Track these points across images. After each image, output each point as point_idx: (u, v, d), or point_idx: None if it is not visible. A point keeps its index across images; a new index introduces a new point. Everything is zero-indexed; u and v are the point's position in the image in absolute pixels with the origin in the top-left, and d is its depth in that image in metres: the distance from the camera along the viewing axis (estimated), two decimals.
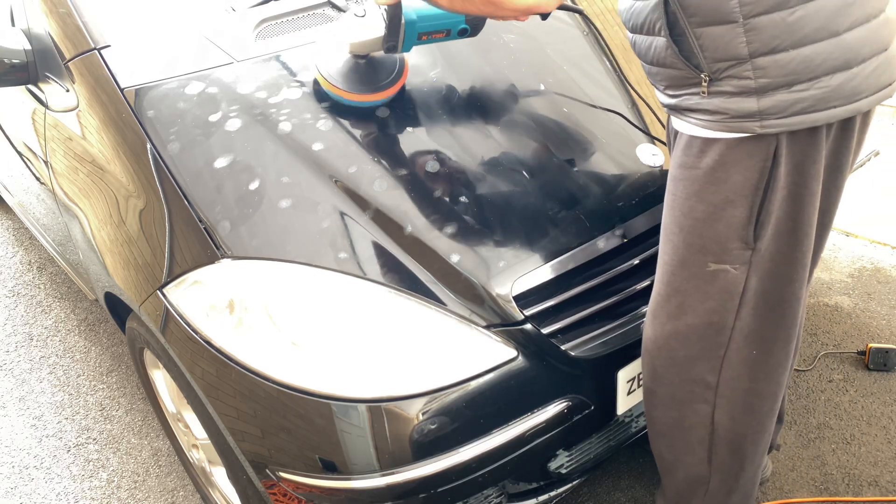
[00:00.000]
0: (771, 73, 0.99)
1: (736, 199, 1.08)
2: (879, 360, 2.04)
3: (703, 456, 1.32)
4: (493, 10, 1.14)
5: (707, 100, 1.05)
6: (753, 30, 0.98)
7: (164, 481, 1.95)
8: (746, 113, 1.02)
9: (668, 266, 1.20)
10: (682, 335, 1.22)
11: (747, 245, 1.12)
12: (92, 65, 1.52)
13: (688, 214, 1.14)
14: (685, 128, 1.12)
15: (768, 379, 1.24)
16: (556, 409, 1.31)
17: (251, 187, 1.34)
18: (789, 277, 1.15)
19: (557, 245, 1.35)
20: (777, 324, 1.19)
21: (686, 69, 1.06)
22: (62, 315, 2.65)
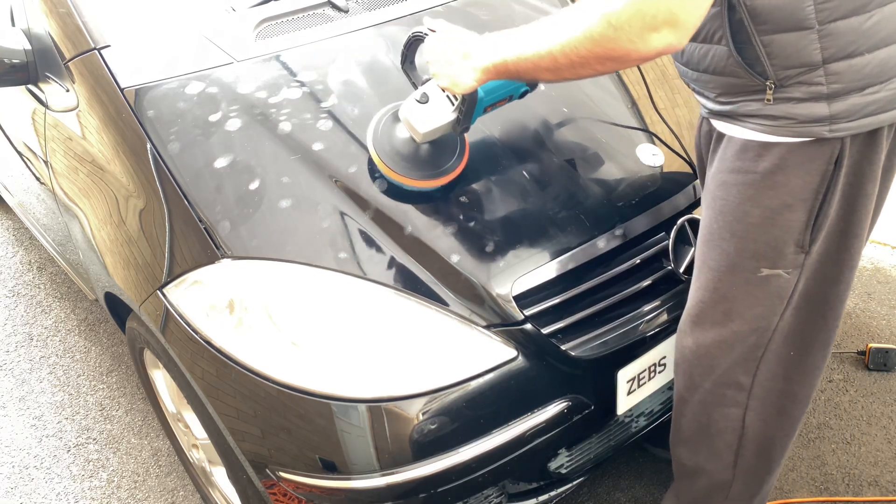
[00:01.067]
0: (845, 79, 0.97)
1: (795, 203, 1.05)
2: (879, 360, 2.04)
3: (730, 461, 1.30)
4: (613, 66, 1.01)
5: (772, 106, 1.02)
6: (829, 35, 0.95)
7: (164, 481, 1.95)
8: (816, 118, 0.99)
9: (714, 272, 1.17)
10: (726, 343, 1.19)
11: (802, 249, 1.09)
12: (92, 65, 1.52)
13: (741, 219, 1.10)
14: (738, 132, 1.08)
15: (803, 381, 1.22)
16: (556, 409, 1.31)
17: (251, 187, 1.34)
18: (835, 279, 1.12)
19: (557, 245, 1.35)
20: (818, 325, 1.17)
21: (748, 77, 1.02)
22: (62, 315, 2.65)
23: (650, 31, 0.90)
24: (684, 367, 1.28)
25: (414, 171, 1.30)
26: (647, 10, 0.89)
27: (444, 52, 1.18)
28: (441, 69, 1.19)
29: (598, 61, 0.98)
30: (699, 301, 1.21)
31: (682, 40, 0.92)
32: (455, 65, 1.16)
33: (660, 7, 0.88)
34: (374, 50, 1.60)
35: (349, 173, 1.37)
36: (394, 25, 1.66)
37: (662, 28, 0.90)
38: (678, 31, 0.90)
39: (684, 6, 0.89)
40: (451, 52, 1.17)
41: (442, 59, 1.18)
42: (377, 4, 1.71)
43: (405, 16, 1.69)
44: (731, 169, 1.10)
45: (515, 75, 1.11)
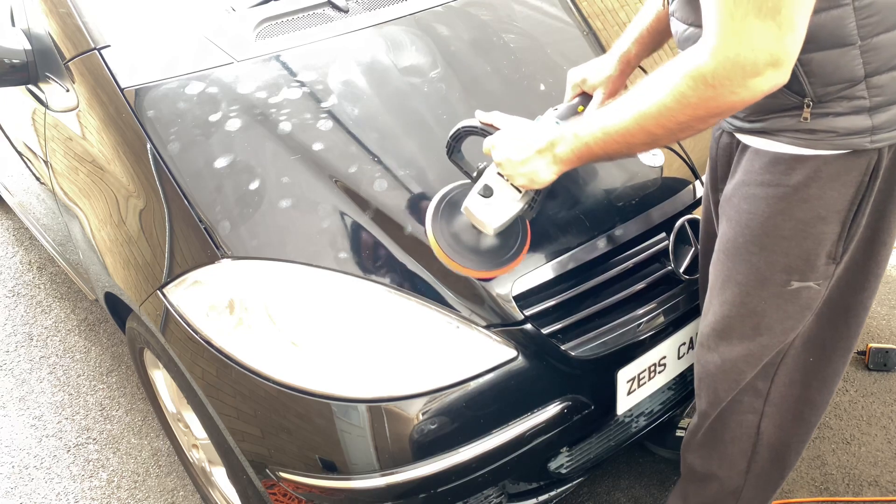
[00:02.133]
0: (889, 91, 0.95)
1: (829, 215, 1.03)
2: (879, 360, 2.04)
3: (743, 468, 1.29)
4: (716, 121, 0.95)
5: (810, 122, 0.98)
6: (872, 50, 0.93)
7: (164, 481, 1.95)
8: (857, 130, 0.97)
9: (743, 287, 1.14)
10: (754, 356, 1.17)
11: (834, 260, 1.07)
12: (92, 65, 1.52)
13: (771, 233, 1.08)
14: (768, 145, 1.05)
15: (821, 387, 1.21)
16: (556, 409, 1.31)
17: (251, 187, 1.34)
18: (861, 286, 1.11)
19: (557, 245, 1.35)
20: (840, 332, 1.15)
21: (784, 97, 0.98)
22: (62, 315, 2.65)
23: (752, 78, 0.85)
24: (708, 382, 1.25)
25: (482, 262, 1.23)
26: (746, 59, 0.84)
27: (518, 151, 1.11)
28: (515, 169, 1.11)
29: (701, 121, 0.93)
30: (725, 316, 1.18)
31: (786, 76, 0.87)
32: (531, 162, 1.09)
33: (759, 52, 0.83)
34: (374, 50, 1.60)
35: (349, 173, 1.37)
36: (394, 25, 1.66)
37: (766, 71, 0.85)
38: (782, 69, 0.85)
39: (784, 44, 0.83)
40: (524, 149, 1.10)
41: (516, 157, 1.10)
42: (377, 4, 1.71)
43: (405, 16, 1.69)
44: (759, 182, 1.07)
45: (601, 157, 1.06)
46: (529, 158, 1.09)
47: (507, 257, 1.24)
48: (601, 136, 1.01)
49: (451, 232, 1.23)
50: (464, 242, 1.23)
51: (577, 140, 1.05)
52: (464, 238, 1.23)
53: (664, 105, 0.93)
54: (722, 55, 0.85)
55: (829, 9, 0.91)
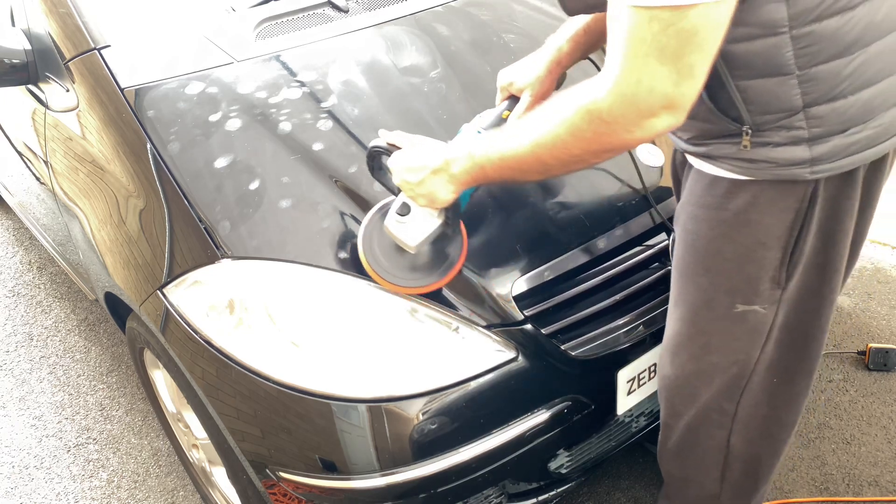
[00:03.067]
0: (827, 122, 0.92)
1: (769, 241, 1.02)
2: (879, 360, 2.04)
3: (717, 475, 1.30)
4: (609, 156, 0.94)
5: (749, 150, 0.96)
6: (810, 81, 0.89)
7: (164, 481, 1.95)
8: (796, 161, 0.94)
9: (691, 306, 1.13)
10: (705, 374, 1.17)
11: (778, 285, 1.06)
12: (92, 65, 1.52)
13: (714, 256, 1.07)
14: (711, 170, 1.03)
15: (788, 407, 1.21)
16: (556, 409, 1.31)
17: (251, 187, 1.34)
18: (817, 312, 1.10)
19: (557, 245, 1.35)
20: (801, 356, 1.15)
21: (722, 123, 0.97)
22: (62, 315, 2.65)
23: (648, 118, 0.85)
24: (666, 395, 1.26)
25: (414, 278, 1.22)
26: (642, 100, 0.83)
27: (413, 173, 1.10)
28: (413, 190, 1.11)
29: (593, 155, 0.93)
30: (677, 333, 1.19)
31: (681, 119, 0.86)
32: (427, 183, 1.09)
33: (655, 95, 0.82)
34: (374, 50, 1.60)
35: (349, 173, 1.37)
36: (394, 25, 1.66)
37: (661, 113, 0.84)
38: (678, 112, 0.84)
39: (682, 90, 0.82)
40: (419, 170, 1.09)
41: (412, 179, 1.10)
42: (377, 4, 1.71)
43: (405, 16, 1.69)
44: (702, 204, 1.06)
45: (496, 180, 1.06)
46: (425, 179, 1.09)
47: (441, 270, 1.22)
48: (496, 161, 1.00)
49: (381, 249, 1.22)
50: (395, 259, 1.22)
51: (472, 162, 1.04)
52: (394, 254, 1.22)
53: (558, 136, 0.92)
54: (619, 93, 0.84)
55: (765, 36, 0.88)
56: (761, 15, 0.86)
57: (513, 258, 1.32)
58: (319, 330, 1.22)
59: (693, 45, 0.79)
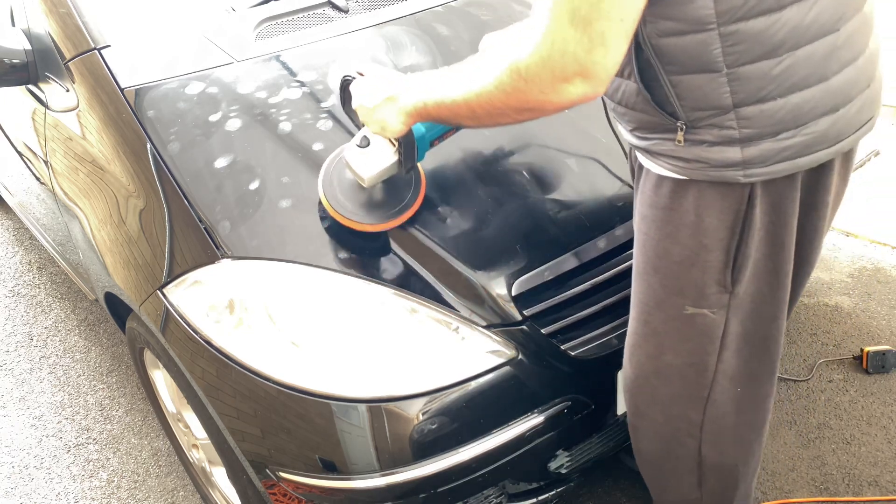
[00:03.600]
0: (757, 124, 0.93)
1: (710, 243, 1.03)
2: (877, 362, 2.03)
3: (694, 481, 1.30)
4: (530, 116, 0.98)
5: (683, 148, 0.98)
6: (738, 80, 0.90)
7: (164, 481, 1.95)
8: (729, 163, 0.95)
9: (644, 306, 1.15)
10: (662, 374, 1.18)
11: (725, 289, 1.06)
12: (92, 65, 1.52)
13: (663, 256, 1.08)
14: (654, 168, 1.05)
15: (755, 410, 1.21)
16: (556, 409, 1.31)
17: (251, 187, 1.34)
18: (771, 316, 1.11)
19: (557, 245, 1.35)
20: (761, 361, 1.15)
21: (659, 115, 0.98)
22: (62, 315, 2.65)
23: (561, 83, 0.87)
24: (628, 395, 1.26)
25: (368, 215, 1.26)
26: (556, 62, 0.85)
27: (370, 97, 1.14)
28: (367, 116, 1.15)
29: (515, 111, 0.96)
30: (634, 332, 1.19)
31: (597, 89, 0.88)
32: (381, 110, 1.13)
33: (567, 59, 0.84)
34: (374, 50, 1.60)
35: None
36: (394, 25, 1.66)
37: (574, 79, 0.86)
38: (592, 82, 0.87)
39: (594, 57, 0.84)
40: (376, 96, 1.13)
41: (368, 104, 1.14)
42: (377, 4, 1.71)
43: (405, 16, 1.69)
44: (649, 203, 1.07)
45: (437, 120, 1.09)
46: (378, 106, 1.13)
47: (395, 211, 1.26)
48: (436, 101, 1.04)
49: (340, 187, 1.26)
50: (352, 197, 1.26)
51: (418, 98, 1.07)
52: (352, 193, 1.26)
53: (485, 87, 0.95)
54: (537, 53, 0.86)
55: (694, 32, 0.88)
56: (689, 11, 0.87)
57: (513, 258, 1.32)
58: (319, 330, 1.22)
59: (601, 12, 0.81)
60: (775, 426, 1.90)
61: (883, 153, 3.07)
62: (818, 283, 2.43)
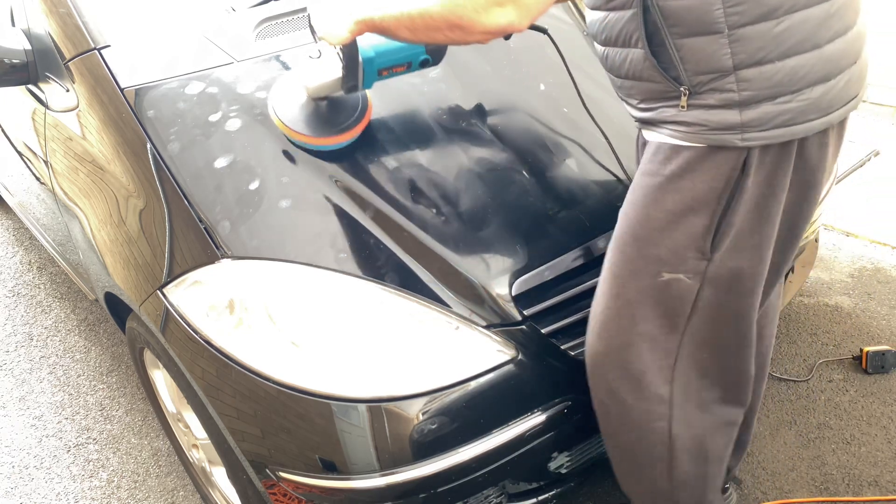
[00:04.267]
0: (756, 86, 0.98)
1: (697, 206, 1.06)
2: (877, 362, 2.04)
3: (664, 469, 1.30)
4: (460, 35, 1.07)
5: (686, 112, 1.03)
6: (739, 41, 0.96)
7: (164, 481, 1.95)
8: (728, 125, 1.00)
9: (618, 279, 1.17)
10: (634, 346, 1.19)
11: (703, 255, 1.10)
12: (92, 65, 1.52)
13: (644, 224, 1.12)
14: (655, 137, 1.10)
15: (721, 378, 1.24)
16: (556, 409, 1.31)
17: (251, 187, 1.34)
18: (748, 290, 1.13)
19: (557, 245, 1.35)
20: (729, 333, 1.18)
21: (664, 82, 1.03)
22: (62, 315, 2.65)
23: (494, 6, 0.99)
24: (598, 373, 1.26)
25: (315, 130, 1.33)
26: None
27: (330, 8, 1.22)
28: (321, 22, 1.22)
29: (448, 28, 1.05)
30: (605, 307, 1.21)
31: (522, 21, 0.99)
32: (334, 18, 1.20)
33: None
34: None
35: (349, 173, 1.37)
36: None
37: (507, 4, 0.98)
38: (520, 11, 0.98)
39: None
40: (336, 8, 1.20)
41: (325, 12, 1.22)
42: None
43: None
44: (643, 171, 1.12)
45: (381, 31, 1.16)
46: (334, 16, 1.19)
47: (346, 125, 1.33)
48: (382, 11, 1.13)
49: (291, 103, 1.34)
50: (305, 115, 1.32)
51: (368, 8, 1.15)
52: (304, 111, 1.33)
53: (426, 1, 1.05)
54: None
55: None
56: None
57: (513, 258, 1.32)
58: (319, 330, 1.22)
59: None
60: (775, 426, 1.90)
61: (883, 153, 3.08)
62: (818, 283, 2.43)
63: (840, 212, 2.76)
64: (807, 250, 1.88)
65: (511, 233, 1.35)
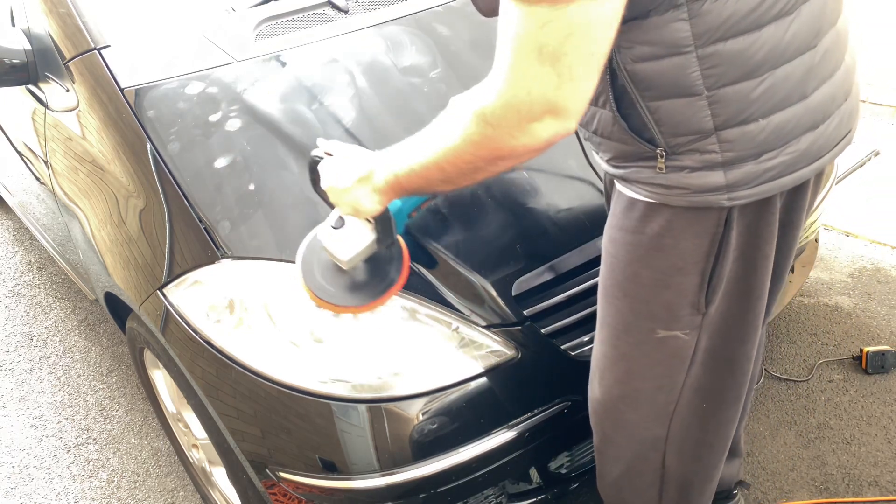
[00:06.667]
0: (739, 146, 0.90)
1: (686, 266, 1.00)
2: (877, 363, 2.03)
3: (654, 495, 1.28)
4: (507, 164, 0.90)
5: (664, 175, 0.94)
6: (719, 102, 0.88)
7: (164, 481, 1.95)
8: (712, 187, 0.92)
9: (612, 330, 1.11)
10: (630, 398, 1.15)
11: (698, 311, 1.04)
12: (92, 65, 1.52)
13: (632, 280, 1.04)
14: (630, 193, 1.02)
15: (717, 432, 1.20)
16: (556, 409, 1.31)
17: (251, 187, 1.34)
18: (742, 338, 1.09)
19: (557, 245, 1.35)
20: (727, 382, 1.13)
21: (637, 144, 0.95)
22: (62, 315, 2.65)
23: (530, 123, 0.81)
24: (594, 419, 1.24)
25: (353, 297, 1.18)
26: (522, 103, 0.80)
27: (338, 179, 1.07)
28: (339, 198, 1.08)
29: (488, 163, 0.89)
30: (602, 355, 1.16)
31: (569, 126, 0.82)
32: (353, 191, 1.06)
33: (534, 97, 0.79)
34: (374, 50, 1.60)
35: None
36: (394, 25, 1.66)
37: (544, 117, 0.81)
38: (563, 118, 0.81)
39: (563, 93, 0.79)
40: (346, 178, 1.06)
41: (338, 187, 1.07)
42: (377, 4, 1.71)
43: (405, 16, 1.69)
44: (619, 226, 1.04)
45: (412, 191, 1.01)
46: (350, 188, 1.05)
47: (380, 289, 1.18)
48: (407, 171, 0.97)
49: (319, 270, 1.18)
50: (333, 280, 1.17)
51: (388, 172, 1.00)
52: (333, 275, 1.18)
53: (453, 143, 0.89)
54: (502, 96, 0.81)
55: (671, 56, 0.86)
56: (665, 34, 0.84)
57: (513, 258, 1.32)
58: (320, 330, 1.22)
59: (571, 46, 0.76)
60: (775, 426, 1.90)
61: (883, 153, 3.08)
62: (818, 283, 2.43)
63: (840, 212, 2.76)
64: (807, 250, 1.88)
65: (511, 233, 1.35)
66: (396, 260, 1.21)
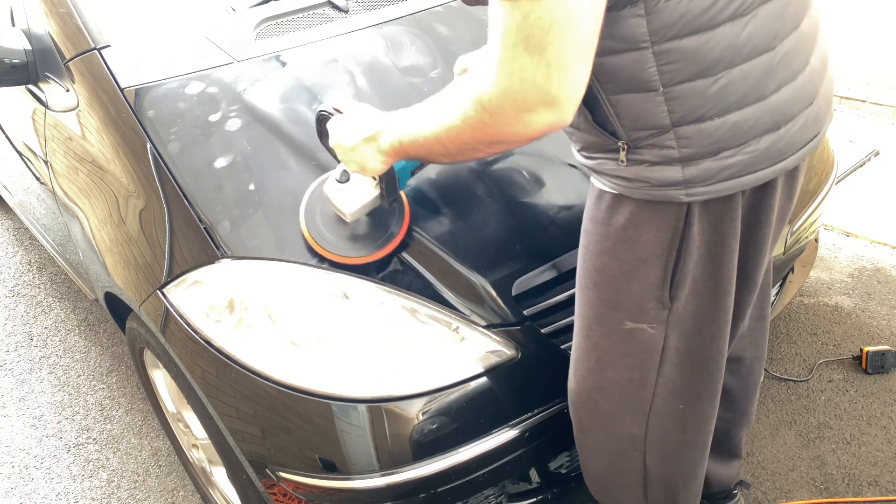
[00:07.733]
0: (696, 143, 0.92)
1: (649, 258, 1.02)
2: (877, 362, 2.04)
3: (639, 495, 1.29)
4: (504, 147, 0.94)
5: (626, 167, 0.97)
6: (675, 98, 0.89)
7: (164, 481, 1.95)
8: (670, 182, 0.95)
9: (585, 320, 1.15)
10: (604, 389, 1.17)
11: (664, 305, 1.06)
12: (92, 65, 1.52)
13: (601, 271, 1.08)
14: (599, 185, 1.05)
15: (697, 431, 1.21)
16: (556, 409, 1.31)
17: (251, 187, 1.34)
18: (712, 335, 1.10)
19: (557, 245, 1.35)
20: (703, 380, 1.14)
21: (601, 136, 0.98)
22: (62, 315, 2.65)
23: (525, 113, 0.83)
24: (572, 409, 1.25)
25: (353, 248, 1.24)
26: (516, 93, 0.81)
27: (347, 137, 1.11)
28: (346, 156, 1.13)
29: (485, 145, 0.92)
30: (577, 346, 1.19)
31: (565, 117, 0.83)
32: (359, 150, 1.10)
33: (528, 87, 0.80)
34: (374, 50, 1.60)
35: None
36: (394, 25, 1.66)
37: (538, 108, 0.82)
38: (557, 109, 0.82)
39: (555, 83, 0.80)
40: (354, 136, 1.10)
41: (346, 143, 1.12)
42: (377, 4, 1.71)
43: (405, 16, 1.69)
44: (590, 217, 1.08)
45: (415, 158, 1.06)
46: (357, 146, 1.10)
47: (380, 242, 1.24)
48: (411, 140, 1.01)
49: (322, 220, 1.24)
50: (335, 230, 1.23)
51: (394, 136, 1.04)
52: (335, 226, 1.23)
53: (453, 122, 0.92)
54: (497, 85, 0.83)
55: (629, 51, 0.87)
56: (623, 29, 0.86)
57: (513, 258, 1.32)
58: (319, 330, 1.22)
59: (554, 36, 0.77)
60: (775, 426, 1.90)
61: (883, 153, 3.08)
62: (818, 283, 2.43)
63: (840, 212, 2.76)
64: (807, 250, 1.88)
65: (511, 233, 1.35)
66: (398, 215, 1.27)
